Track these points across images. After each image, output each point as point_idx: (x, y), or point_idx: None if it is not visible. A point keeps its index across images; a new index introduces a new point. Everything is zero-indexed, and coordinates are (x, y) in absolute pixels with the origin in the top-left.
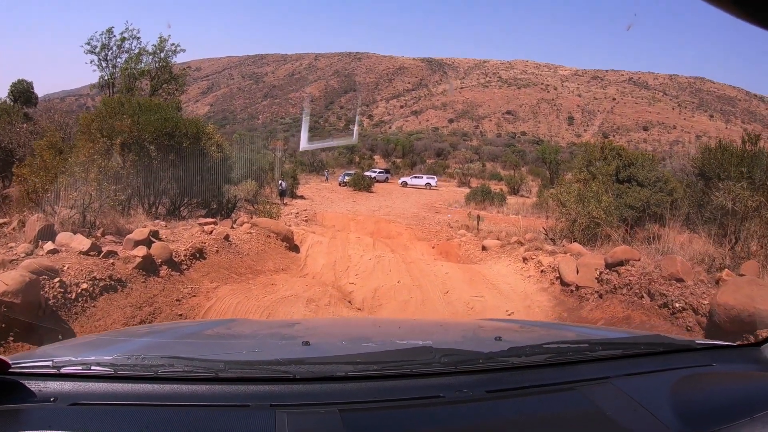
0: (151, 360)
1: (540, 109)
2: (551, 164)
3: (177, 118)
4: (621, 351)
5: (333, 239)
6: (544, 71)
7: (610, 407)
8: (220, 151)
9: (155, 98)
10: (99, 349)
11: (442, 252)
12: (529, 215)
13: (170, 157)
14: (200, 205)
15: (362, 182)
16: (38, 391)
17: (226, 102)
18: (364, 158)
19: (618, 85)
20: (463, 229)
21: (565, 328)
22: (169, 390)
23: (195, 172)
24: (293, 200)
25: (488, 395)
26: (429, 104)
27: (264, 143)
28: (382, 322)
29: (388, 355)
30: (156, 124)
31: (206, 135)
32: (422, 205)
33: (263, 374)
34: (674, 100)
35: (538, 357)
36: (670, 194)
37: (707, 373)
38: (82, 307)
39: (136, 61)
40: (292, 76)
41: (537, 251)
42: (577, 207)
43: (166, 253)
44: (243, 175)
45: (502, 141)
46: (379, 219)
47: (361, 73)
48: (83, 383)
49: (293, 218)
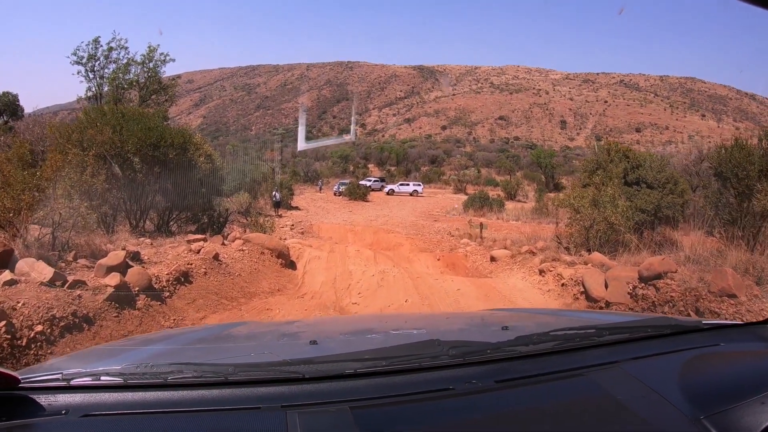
0: (160, 367)
1: (532, 114)
2: (546, 168)
3: (162, 127)
4: (628, 335)
5: (331, 253)
6: (535, 76)
7: (619, 391)
8: (209, 162)
9: (144, 108)
10: (107, 358)
11: (448, 264)
12: (529, 220)
13: (156, 169)
14: (190, 220)
15: (357, 191)
16: (49, 404)
17: (218, 114)
18: (359, 167)
19: (609, 87)
20: (465, 238)
21: (571, 314)
22: (180, 396)
23: (183, 184)
24: (288, 211)
25: (498, 385)
26: (422, 111)
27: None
28: (387, 317)
29: (396, 350)
30: (139, 135)
31: (194, 145)
32: (420, 213)
33: (273, 376)
34: (666, 101)
35: (546, 345)
36: (680, 196)
37: (715, 353)
38: (35, 356)
39: (124, 71)
40: (284, 87)
41: (554, 262)
42: (592, 212)
43: (144, 280)
44: (235, 187)
45: (495, 146)
46: (378, 229)
47: (354, 82)
48: (93, 394)
49: (288, 231)
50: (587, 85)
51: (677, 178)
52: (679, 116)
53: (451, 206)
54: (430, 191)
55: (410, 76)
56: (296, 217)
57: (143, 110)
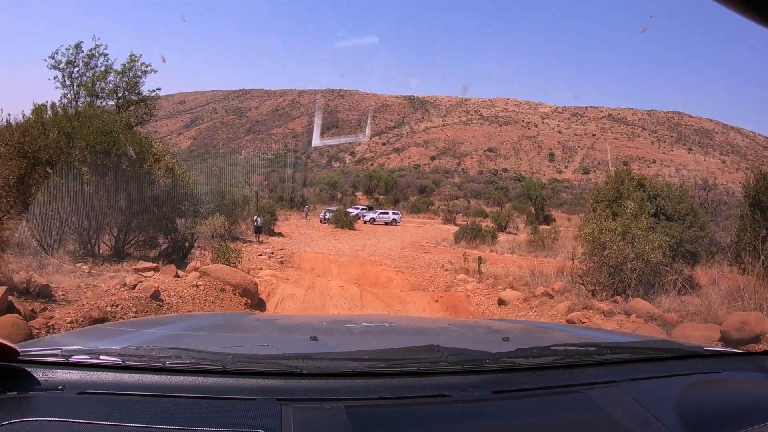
0: (159, 351)
1: (521, 146)
2: (536, 200)
3: (117, 132)
4: (629, 355)
5: (310, 290)
6: (524, 109)
7: (616, 411)
8: (170, 176)
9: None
10: (107, 338)
11: (448, 307)
12: (525, 254)
13: (105, 181)
14: (147, 244)
15: (344, 219)
16: (46, 379)
17: (209, 136)
18: (347, 195)
19: (597, 121)
20: (462, 273)
21: (573, 330)
22: (177, 381)
23: (140, 201)
24: (270, 237)
25: (494, 396)
26: (411, 141)
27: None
28: (390, 319)
29: (395, 352)
30: (89, 139)
31: (153, 156)
32: (409, 244)
33: (270, 368)
34: (653, 135)
35: (545, 359)
36: (701, 229)
37: (715, 380)
38: None
39: (101, 78)
40: (275, 112)
41: (586, 311)
42: (623, 248)
43: (20, 334)
44: (213, 209)
45: (484, 178)
46: (365, 261)
47: (344, 110)
48: (91, 372)
49: (266, 259)
50: (576, 119)
51: (696, 209)
52: (666, 150)
53: (441, 237)
54: (419, 221)
55: (401, 106)
56: (278, 244)
57: (99, 110)
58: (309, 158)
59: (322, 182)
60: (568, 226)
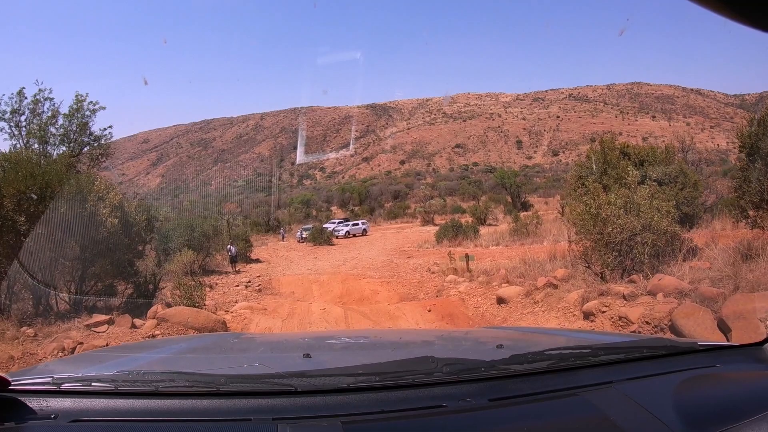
0: (151, 375)
1: (488, 138)
2: (512, 188)
3: (49, 173)
4: (623, 355)
5: (289, 318)
6: (486, 101)
7: (613, 412)
8: (117, 215)
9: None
10: (99, 364)
11: (444, 316)
12: (511, 243)
13: (45, 229)
14: (106, 293)
15: (322, 236)
16: (39, 408)
17: (177, 171)
18: (321, 210)
19: (559, 102)
20: (451, 274)
21: (566, 333)
22: (171, 405)
23: (91, 246)
24: (247, 265)
25: (491, 403)
26: (378, 149)
27: (217, 207)
28: (382, 333)
29: (389, 365)
30: (18, 185)
31: (95, 194)
32: (391, 251)
33: (265, 388)
34: (615, 108)
35: (540, 364)
36: (695, 188)
37: (711, 374)
38: None
39: (49, 123)
40: (240, 138)
41: (603, 298)
42: (629, 221)
43: None
44: (181, 244)
45: (455, 175)
46: (347, 276)
47: (308, 127)
48: (84, 399)
49: (242, 290)
50: (538, 104)
51: (686, 170)
52: (631, 120)
53: (422, 239)
54: (398, 226)
55: (364, 116)
56: (255, 271)
57: (27, 154)
58: (280, 179)
59: (296, 201)
60: (546, 209)
